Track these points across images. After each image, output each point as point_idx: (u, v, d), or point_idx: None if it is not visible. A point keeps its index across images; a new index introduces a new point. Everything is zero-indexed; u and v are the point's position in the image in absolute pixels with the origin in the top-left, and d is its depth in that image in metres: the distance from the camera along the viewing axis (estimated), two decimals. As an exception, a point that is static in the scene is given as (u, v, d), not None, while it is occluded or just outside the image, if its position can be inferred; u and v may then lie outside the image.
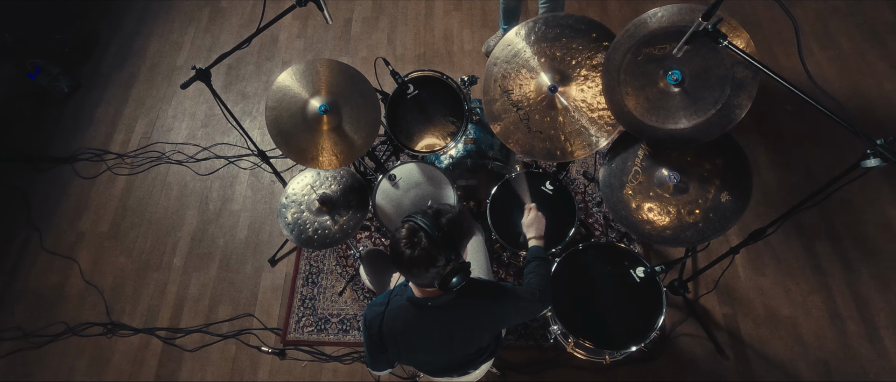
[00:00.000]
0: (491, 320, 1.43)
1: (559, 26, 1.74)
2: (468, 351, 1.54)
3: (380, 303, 1.44)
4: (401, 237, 1.25)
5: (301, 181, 2.16)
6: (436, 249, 1.23)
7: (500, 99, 1.80)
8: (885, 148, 1.18)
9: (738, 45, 1.33)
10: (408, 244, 1.24)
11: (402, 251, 1.24)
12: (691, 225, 1.63)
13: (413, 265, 1.25)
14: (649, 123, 1.55)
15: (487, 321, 1.43)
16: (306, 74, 1.94)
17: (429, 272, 1.25)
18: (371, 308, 1.45)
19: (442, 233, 1.25)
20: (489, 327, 1.46)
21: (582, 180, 2.67)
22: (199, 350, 2.50)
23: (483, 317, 1.41)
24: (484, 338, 1.51)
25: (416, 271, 1.26)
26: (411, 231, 1.25)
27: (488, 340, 1.56)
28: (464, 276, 1.29)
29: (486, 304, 1.41)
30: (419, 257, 1.23)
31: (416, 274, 1.27)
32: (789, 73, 2.83)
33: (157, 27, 3.64)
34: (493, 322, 1.45)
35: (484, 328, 1.45)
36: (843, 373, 2.17)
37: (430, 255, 1.23)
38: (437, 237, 1.24)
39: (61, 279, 2.77)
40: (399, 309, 1.40)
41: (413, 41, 3.30)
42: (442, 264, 1.25)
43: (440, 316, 1.38)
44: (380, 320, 1.41)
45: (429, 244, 1.23)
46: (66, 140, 3.22)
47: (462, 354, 1.54)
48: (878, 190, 2.51)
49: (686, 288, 2.22)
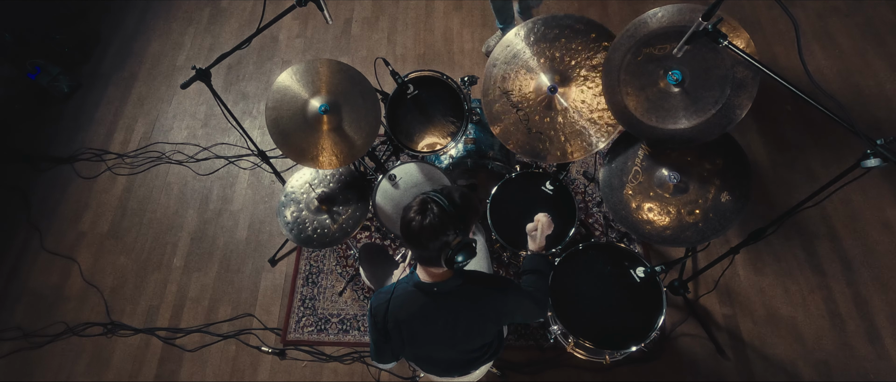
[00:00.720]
0: (495, 311, 1.44)
1: (559, 27, 1.74)
2: (472, 344, 1.54)
3: (386, 291, 1.45)
4: (412, 207, 1.28)
5: (300, 178, 2.16)
6: (446, 219, 1.25)
7: (499, 100, 1.80)
8: (885, 148, 1.18)
9: (738, 45, 1.33)
10: (418, 212, 1.26)
11: (412, 218, 1.27)
12: (691, 225, 1.63)
13: (422, 234, 1.25)
14: (649, 123, 1.55)
15: (491, 313, 1.44)
16: (306, 74, 1.95)
17: (437, 242, 1.26)
18: (377, 296, 1.47)
19: (454, 206, 1.27)
20: (493, 318, 1.46)
21: (582, 180, 2.67)
22: (199, 350, 2.50)
23: (487, 308, 1.42)
24: (488, 332, 1.52)
25: (424, 240, 1.26)
26: (423, 202, 1.27)
27: (492, 334, 1.56)
28: (468, 253, 1.30)
29: (492, 294, 1.42)
30: (429, 225, 1.24)
31: (423, 245, 1.28)
32: (789, 73, 2.83)
33: (158, 27, 3.64)
34: (497, 314, 1.45)
35: (488, 320, 1.45)
36: (843, 373, 2.17)
37: (440, 224, 1.25)
38: (448, 209, 1.26)
39: (61, 279, 2.77)
40: (405, 294, 1.41)
41: (413, 41, 3.30)
42: (451, 237, 1.26)
43: (446, 302, 1.39)
44: (386, 307, 1.42)
45: (440, 213, 1.25)
46: (66, 140, 3.22)
47: (465, 347, 1.54)
48: (878, 190, 2.51)
49: (686, 288, 2.22)
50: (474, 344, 1.55)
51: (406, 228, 1.29)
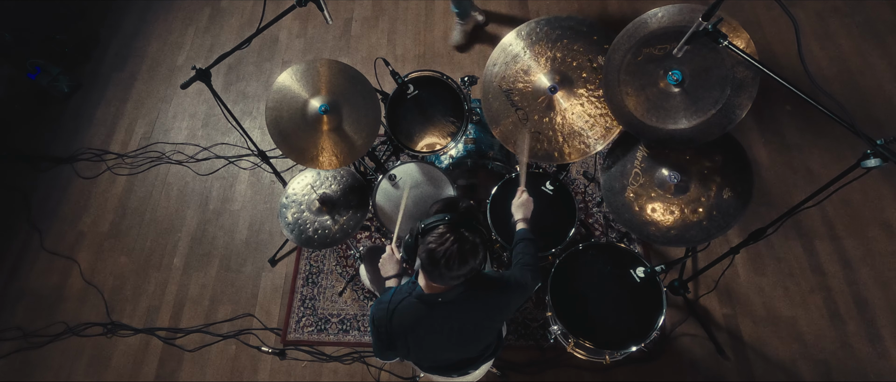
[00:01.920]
0: (498, 310, 1.45)
1: (561, 28, 1.74)
2: (478, 346, 1.56)
3: (386, 301, 1.44)
4: (443, 240, 1.24)
5: (301, 181, 2.16)
6: (477, 235, 1.27)
7: (499, 99, 1.80)
8: (885, 148, 1.18)
9: (738, 45, 1.34)
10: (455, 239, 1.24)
11: (444, 244, 1.24)
12: (695, 224, 1.63)
13: (452, 263, 1.25)
14: (649, 123, 1.55)
15: (495, 312, 1.45)
16: (306, 74, 1.94)
17: (473, 262, 1.27)
18: (378, 307, 1.45)
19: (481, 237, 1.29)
20: (498, 317, 1.48)
21: (582, 180, 2.67)
22: (199, 350, 2.50)
23: (492, 308, 1.43)
24: (492, 330, 1.53)
25: (454, 269, 1.26)
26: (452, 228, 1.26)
27: (496, 332, 1.58)
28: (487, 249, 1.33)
29: (495, 295, 1.43)
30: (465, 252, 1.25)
31: (450, 273, 1.27)
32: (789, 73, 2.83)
33: (158, 27, 3.64)
34: (500, 312, 1.47)
35: (493, 319, 1.47)
36: (843, 373, 2.17)
37: (474, 245, 1.26)
38: (473, 225, 1.28)
39: (61, 279, 2.77)
40: (408, 307, 1.40)
41: (413, 41, 3.30)
42: (482, 249, 1.28)
43: (451, 311, 1.39)
44: (389, 318, 1.41)
45: (470, 233, 1.26)
46: (66, 140, 3.22)
47: (471, 349, 1.56)
48: (878, 190, 2.51)
49: (686, 288, 2.22)
50: (480, 346, 1.57)
51: (437, 248, 1.25)
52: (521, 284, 1.48)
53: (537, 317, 2.36)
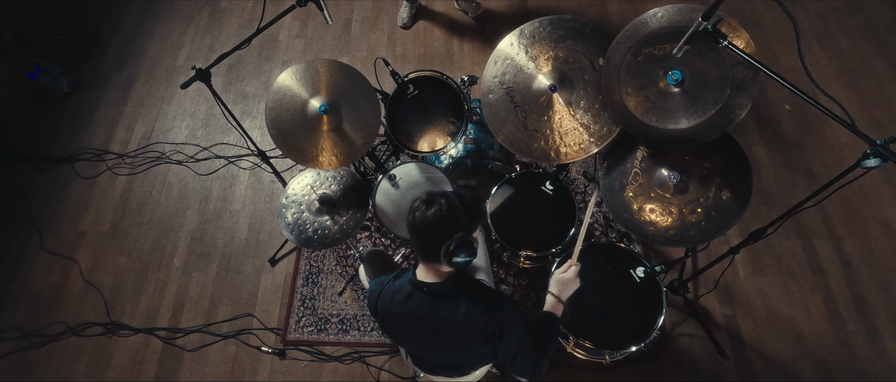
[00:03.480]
0: (481, 329, 1.32)
1: (564, 28, 1.74)
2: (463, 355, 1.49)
3: (381, 281, 1.50)
4: (419, 200, 1.31)
5: (301, 182, 2.16)
6: (453, 213, 1.27)
7: (499, 98, 1.80)
8: (885, 148, 1.18)
9: (738, 46, 1.34)
10: (425, 203, 1.29)
11: (418, 207, 1.29)
12: (694, 224, 1.63)
13: (425, 222, 1.27)
14: (649, 123, 1.55)
15: (478, 329, 1.33)
16: (306, 74, 1.95)
17: (440, 231, 1.27)
18: (376, 282, 1.53)
19: (462, 203, 1.30)
20: (479, 335, 1.34)
21: (582, 180, 2.67)
22: (199, 350, 2.50)
23: (474, 321, 1.33)
24: (475, 347, 1.40)
25: (428, 232, 1.28)
26: (431, 196, 1.30)
27: (482, 352, 1.42)
28: (469, 252, 1.29)
29: (481, 308, 1.33)
30: (434, 215, 1.26)
31: (427, 238, 1.29)
32: (789, 73, 2.83)
33: (157, 27, 3.64)
34: (484, 333, 1.33)
35: (473, 334, 1.34)
36: (843, 373, 2.17)
37: (447, 217, 1.26)
38: (456, 204, 1.28)
39: (61, 279, 2.77)
40: (398, 288, 1.44)
41: (413, 41, 3.30)
42: (454, 230, 1.27)
43: (433, 303, 1.38)
44: (378, 295, 1.49)
45: (447, 207, 1.27)
46: (66, 140, 3.22)
47: (457, 356, 1.52)
48: (878, 190, 2.51)
49: (686, 288, 2.22)
50: (466, 356, 1.49)
51: (412, 220, 1.30)
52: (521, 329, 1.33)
53: (537, 317, 2.36)
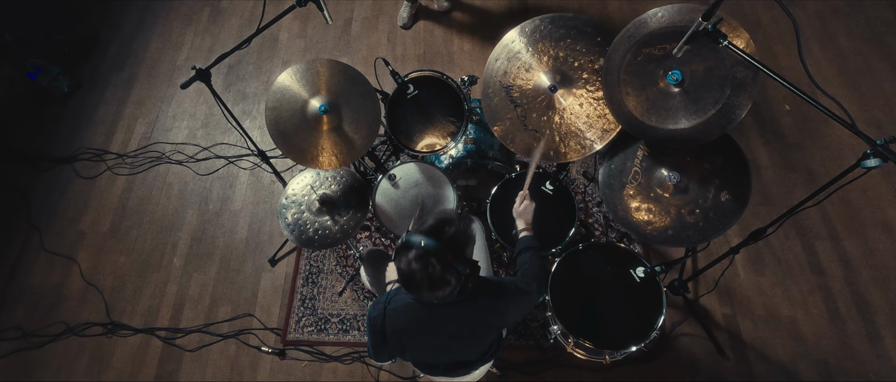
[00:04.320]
0: (497, 316, 1.43)
1: (565, 27, 1.74)
2: (474, 350, 1.54)
3: (383, 301, 1.44)
4: (412, 267, 1.22)
5: (301, 182, 2.16)
6: (448, 270, 1.22)
7: (499, 96, 1.80)
8: (885, 148, 1.18)
9: (738, 45, 1.33)
10: (421, 270, 1.21)
11: (414, 273, 1.22)
12: (692, 225, 1.63)
13: (430, 290, 1.24)
14: (649, 123, 1.55)
15: (493, 318, 1.42)
16: (306, 74, 1.95)
17: (444, 291, 1.25)
18: (375, 306, 1.46)
19: (450, 249, 1.23)
20: (495, 323, 1.45)
21: (582, 180, 2.67)
22: (199, 350, 2.50)
23: (489, 314, 1.41)
24: (489, 335, 1.51)
25: (432, 293, 1.25)
26: (421, 258, 1.21)
27: (493, 337, 1.55)
28: (476, 280, 1.30)
29: (492, 301, 1.40)
30: (434, 281, 1.22)
31: (431, 296, 1.27)
32: (789, 73, 2.83)
33: (157, 27, 3.64)
34: (498, 319, 1.44)
35: (490, 325, 1.45)
36: (843, 373, 2.17)
37: (444, 278, 1.22)
38: (447, 259, 1.22)
39: (61, 279, 2.77)
40: (405, 307, 1.40)
41: (413, 41, 3.30)
42: (454, 281, 1.25)
43: (447, 314, 1.38)
44: (382, 317, 1.42)
45: (441, 267, 1.21)
46: (66, 140, 3.22)
47: (467, 352, 1.55)
48: (878, 190, 2.51)
49: (686, 288, 2.22)
50: (476, 350, 1.55)
51: (410, 283, 1.24)
52: (524, 292, 1.46)
53: (537, 317, 2.36)
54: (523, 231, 1.65)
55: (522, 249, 1.60)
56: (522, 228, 1.66)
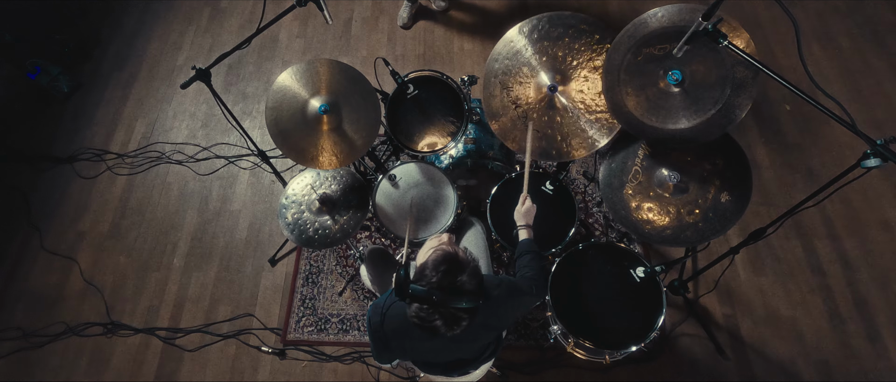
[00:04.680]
0: (496, 318, 1.44)
1: (562, 26, 1.74)
2: (473, 350, 1.56)
3: (381, 304, 1.43)
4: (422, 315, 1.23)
5: (301, 182, 2.16)
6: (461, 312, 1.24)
7: (499, 97, 1.80)
8: (885, 148, 1.18)
9: (738, 45, 1.34)
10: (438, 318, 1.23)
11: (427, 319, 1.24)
12: (691, 225, 1.63)
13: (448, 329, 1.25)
14: (649, 123, 1.55)
15: (493, 319, 1.43)
16: (306, 74, 1.94)
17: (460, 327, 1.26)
18: (374, 309, 1.45)
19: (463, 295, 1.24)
20: (494, 325, 1.47)
21: (582, 180, 2.67)
22: (199, 350, 2.50)
23: (488, 316, 1.41)
24: (489, 336, 1.52)
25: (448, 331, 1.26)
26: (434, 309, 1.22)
27: (493, 337, 1.57)
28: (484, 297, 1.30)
29: (492, 303, 1.41)
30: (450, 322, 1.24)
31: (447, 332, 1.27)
32: (789, 73, 2.83)
33: (157, 27, 3.64)
34: (498, 320, 1.45)
35: (489, 327, 1.46)
36: (843, 373, 2.17)
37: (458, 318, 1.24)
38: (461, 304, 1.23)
39: (61, 279, 2.77)
40: (403, 313, 1.38)
41: (413, 41, 3.30)
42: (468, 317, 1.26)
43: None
44: (382, 321, 1.41)
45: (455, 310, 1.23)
46: (66, 140, 3.22)
47: (466, 351, 1.55)
48: (878, 190, 2.51)
49: (686, 288, 2.22)
50: (475, 348, 1.56)
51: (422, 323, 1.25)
52: (523, 293, 1.47)
53: (537, 317, 2.36)
54: (523, 234, 1.66)
55: (522, 252, 1.61)
56: (522, 229, 1.66)
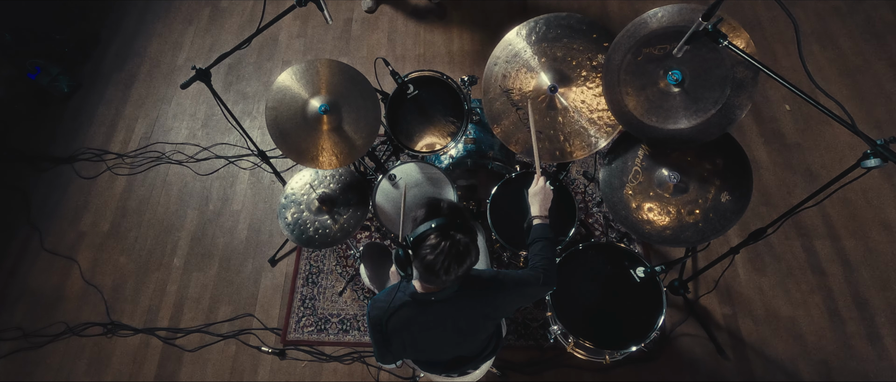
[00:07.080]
0: (493, 308, 1.44)
1: (560, 27, 1.74)
2: (474, 344, 1.56)
3: (382, 300, 1.43)
4: (440, 246, 1.22)
5: (300, 180, 2.16)
6: (468, 234, 1.25)
7: (499, 99, 1.80)
8: (885, 148, 1.18)
9: (738, 45, 1.33)
10: (450, 246, 1.22)
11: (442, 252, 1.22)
12: (691, 225, 1.63)
13: (459, 263, 1.24)
14: (649, 123, 1.55)
15: (490, 310, 1.44)
16: (306, 74, 1.95)
17: (470, 259, 1.26)
18: (374, 306, 1.44)
19: (458, 215, 1.26)
20: (492, 315, 1.47)
21: (582, 180, 2.67)
22: (199, 350, 2.50)
23: (486, 306, 1.42)
24: (488, 328, 1.53)
25: (460, 267, 1.25)
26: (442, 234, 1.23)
27: (492, 328, 1.57)
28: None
29: (489, 293, 1.42)
30: (462, 252, 1.24)
31: (448, 277, 1.26)
32: (789, 73, 2.83)
33: (157, 27, 3.64)
34: (495, 310, 1.46)
35: (488, 318, 1.47)
36: (843, 373, 2.17)
37: (468, 246, 1.25)
38: (464, 225, 1.25)
39: (61, 279, 2.77)
40: (403, 307, 1.40)
41: (413, 41, 3.30)
42: (474, 251, 1.27)
43: (445, 309, 1.38)
44: (384, 317, 1.41)
45: (462, 234, 1.24)
46: (66, 140, 3.22)
47: (467, 347, 1.55)
48: (878, 190, 2.51)
49: (686, 288, 2.22)
50: (476, 343, 1.56)
51: (437, 259, 1.22)
52: (524, 284, 1.45)
53: (537, 317, 2.36)
54: (537, 219, 1.58)
55: (535, 238, 1.54)
56: (537, 215, 1.58)
